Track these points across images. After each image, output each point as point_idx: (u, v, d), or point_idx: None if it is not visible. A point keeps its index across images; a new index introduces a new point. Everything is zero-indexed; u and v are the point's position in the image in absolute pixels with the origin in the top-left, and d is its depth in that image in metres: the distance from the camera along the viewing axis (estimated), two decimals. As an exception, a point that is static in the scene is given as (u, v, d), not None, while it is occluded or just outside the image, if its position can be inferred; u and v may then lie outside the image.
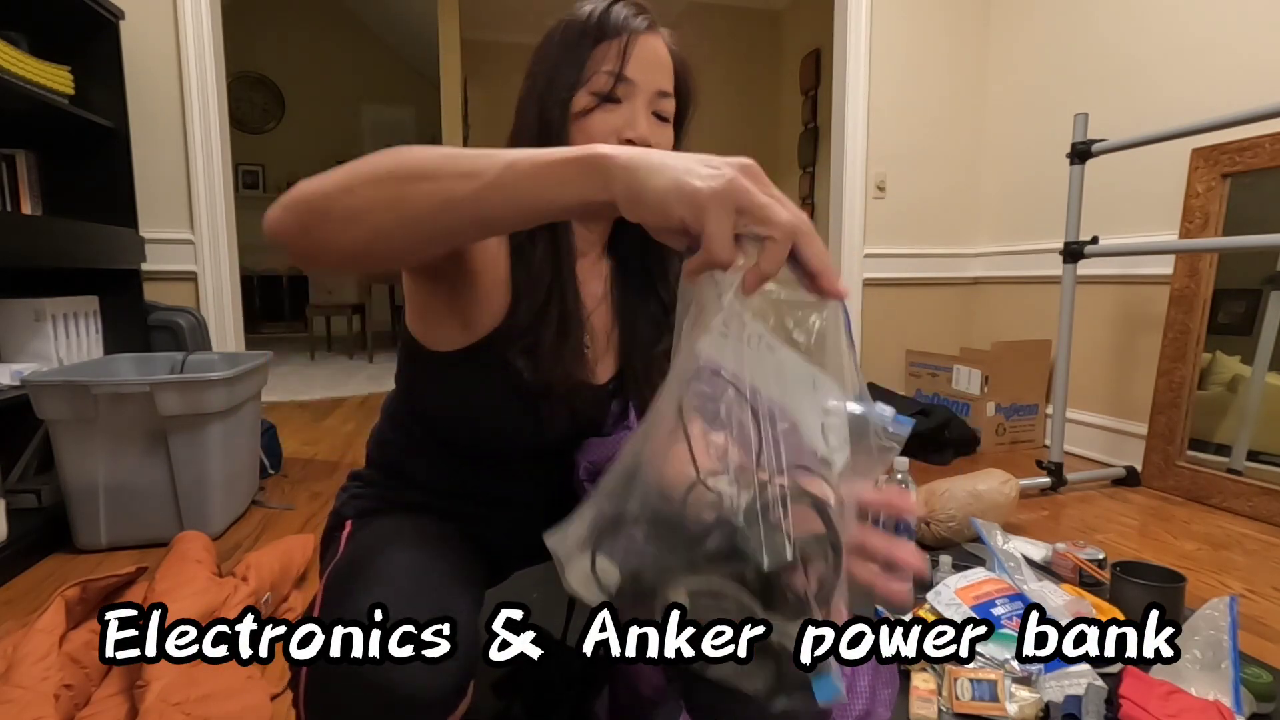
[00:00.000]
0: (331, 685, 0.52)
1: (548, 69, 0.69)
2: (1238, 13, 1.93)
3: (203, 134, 2.25)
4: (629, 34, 0.66)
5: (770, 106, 4.66)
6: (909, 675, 1.02)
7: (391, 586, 0.56)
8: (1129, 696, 0.90)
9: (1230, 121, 1.60)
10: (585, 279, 0.75)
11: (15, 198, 1.85)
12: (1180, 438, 2.00)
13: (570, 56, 0.67)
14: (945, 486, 1.57)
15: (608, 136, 0.65)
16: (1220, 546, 1.61)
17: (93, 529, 1.55)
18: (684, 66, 0.72)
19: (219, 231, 2.31)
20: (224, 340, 2.34)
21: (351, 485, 0.79)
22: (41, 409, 1.48)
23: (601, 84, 0.65)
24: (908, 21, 2.74)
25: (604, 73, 0.65)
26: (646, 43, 0.66)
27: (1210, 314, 1.97)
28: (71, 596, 1.08)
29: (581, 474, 0.69)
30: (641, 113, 0.66)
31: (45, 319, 1.75)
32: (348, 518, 0.74)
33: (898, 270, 2.85)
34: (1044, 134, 2.60)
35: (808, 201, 4.21)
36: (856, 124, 2.72)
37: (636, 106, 0.66)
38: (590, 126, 0.66)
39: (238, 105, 6.20)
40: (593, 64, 0.66)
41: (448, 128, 3.87)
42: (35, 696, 0.89)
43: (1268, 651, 1.14)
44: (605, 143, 0.59)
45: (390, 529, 0.67)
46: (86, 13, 1.89)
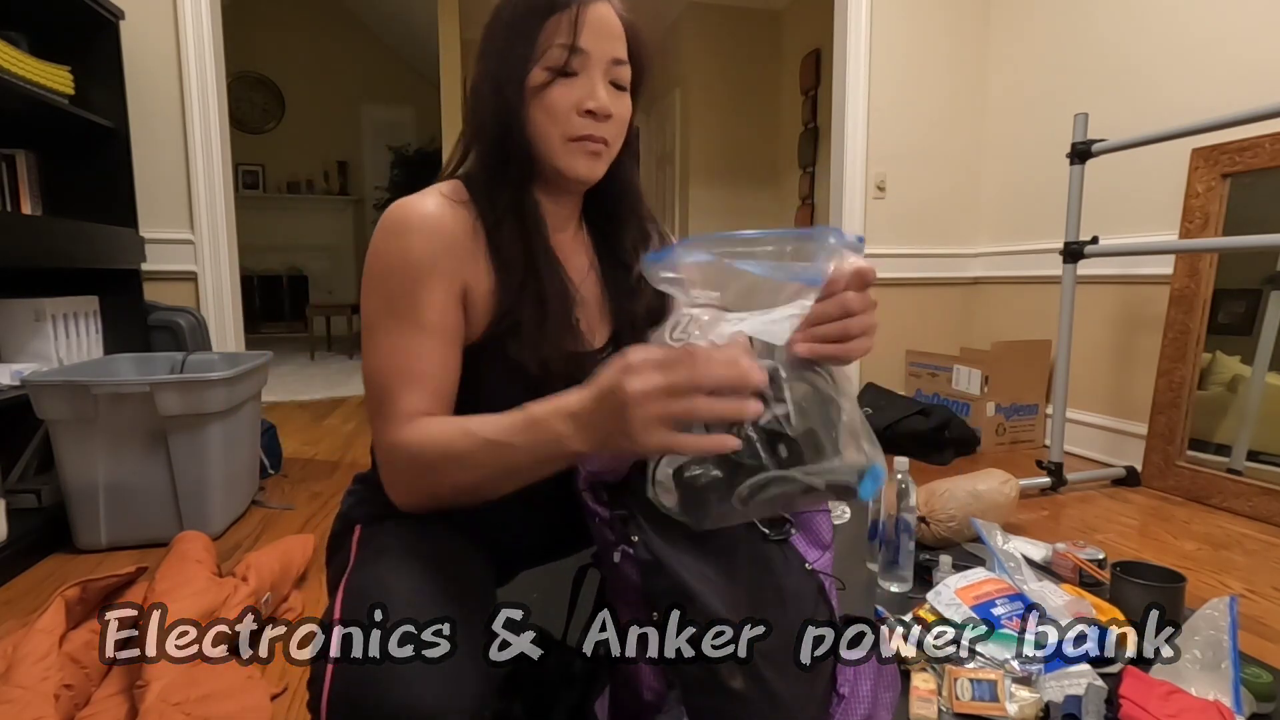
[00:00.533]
0: (356, 697, 0.52)
1: (499, 48, 0.68)
2: (1238, 13, 1.93)
3: (203, 134, 2.25)
4: (578, 4, 0.65)
5: (770, 106, 4.66)
6: (909, 675, 1.02)
7: (411, 602, 0.57)
8: (1129, 696, 0.90)
9: (1230, 121, 1.60)
10: (568, 254, 0.76)
11: (15, 198, 1.84)
12: (1180, 438, 2.00)
13: (521, 33, 0.66)
14: (945, 486, 1.57)
15: (568, 111, 0.66)
16: (1220, 546, 1.61)
17: (93, 529, 1.55)
18: (636, 33, 0.71)
19: (219, 231, 2.31)
20: (224, 340, 2.34)
21: (358, 489, 0.79)
22: (41, 409, 1.48)
23: (555, 58, 0.65)
24: (908, 21, 2.74)
25: (557, 46, 0.65)
26: (596, 11, 0.66)
27: (1210, 314, 1.97)
28: (71, 596, 1.08)
29: (581, 484, 0.68)
30: (599, 82, 0.67)
31: (45, 319, 1.75)
32: (356, 522, 0.74)
33: (898, 270, 2.85)
34: (1044, 134, 2.60)
35: (808, 201, 4.21)
36: (856, 124, 2.72)
37: (594, 77, 0.67)
38: (550, 101, 0.66)
39: (238, 105, 6.20)
40: (544, 38, 0.65)
41: (448, 128, 3.87)
42: (35, 696, 0.89)
43: (1268, 651, 1.14)
44: (566, 115, 0.66)
45: (404, 539, 0.67)
46: (86, 13, 1.89)
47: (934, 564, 1.32)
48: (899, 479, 1.31)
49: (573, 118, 0.66)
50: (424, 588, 0.60)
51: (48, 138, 1.94)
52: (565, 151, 0.68)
